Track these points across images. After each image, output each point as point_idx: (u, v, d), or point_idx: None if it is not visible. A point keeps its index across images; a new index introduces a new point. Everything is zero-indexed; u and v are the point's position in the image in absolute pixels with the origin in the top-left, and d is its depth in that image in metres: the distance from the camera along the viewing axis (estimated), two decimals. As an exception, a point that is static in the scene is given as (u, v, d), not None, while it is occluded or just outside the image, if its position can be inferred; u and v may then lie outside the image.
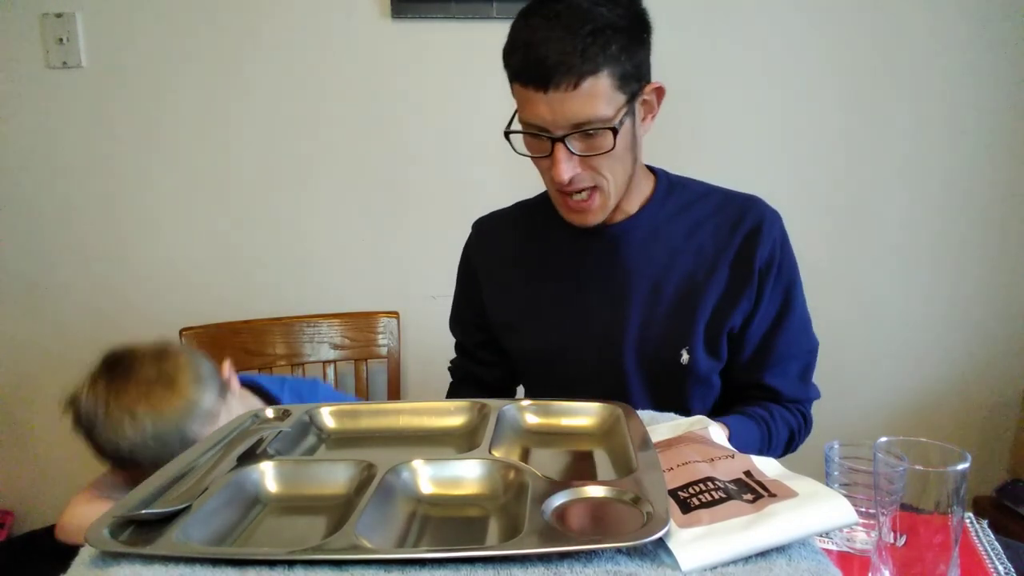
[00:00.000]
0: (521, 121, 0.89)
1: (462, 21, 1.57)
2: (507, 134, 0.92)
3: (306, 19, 1.58)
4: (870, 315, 1.71)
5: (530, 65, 0.82)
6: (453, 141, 1.63)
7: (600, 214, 0.95)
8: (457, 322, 1.19)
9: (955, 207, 1.67)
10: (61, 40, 1.56)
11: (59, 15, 1.55)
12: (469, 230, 1.19)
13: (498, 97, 1.62)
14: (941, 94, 1.62)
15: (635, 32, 0.86)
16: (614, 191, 0.93)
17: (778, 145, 1.65)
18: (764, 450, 0.93)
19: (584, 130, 0.85)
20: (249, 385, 1.03)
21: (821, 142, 1.65)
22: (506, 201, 1.22)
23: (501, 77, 0.90)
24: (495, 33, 1.58)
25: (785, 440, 1.00)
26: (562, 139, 0.85)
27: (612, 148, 0.86)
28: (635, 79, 0.87)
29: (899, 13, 1.59)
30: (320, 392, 1.14)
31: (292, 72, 1.60)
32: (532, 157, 0.92)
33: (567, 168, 0.87)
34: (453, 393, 1.19)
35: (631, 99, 0.87)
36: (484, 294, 1.10)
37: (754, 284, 0.97)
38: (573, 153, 0.86)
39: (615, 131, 0.85)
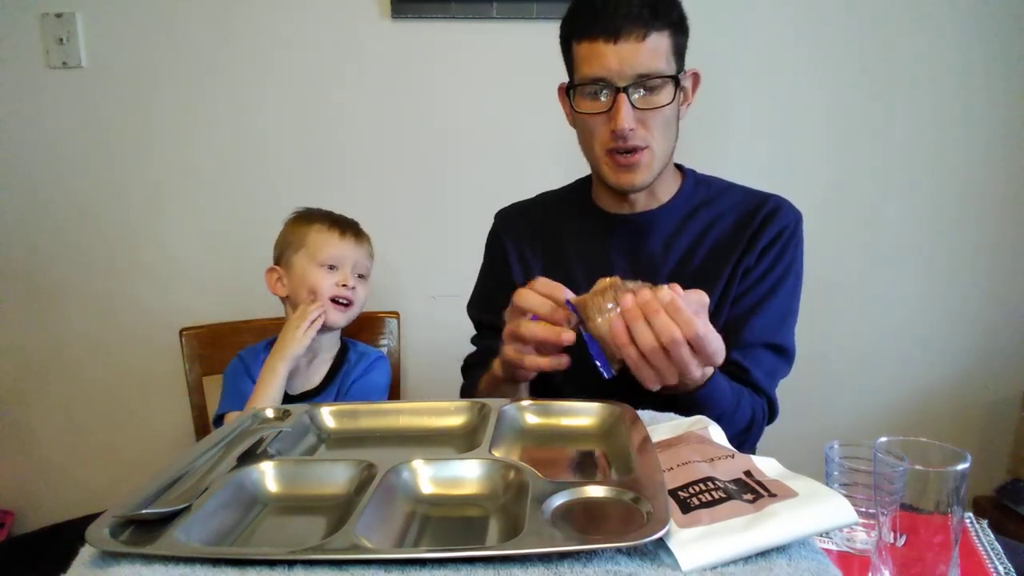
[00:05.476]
0: (582, 81, 0.94)
1: (462, 21, 1.57)
2: (568, 89, 0.97)
3: (306, 19, 1.58)
4: (870, 315, 1.71)
5: (602, 18, 0.89)
6: (453, 141, 1.63)
7: (646, 174, 0.97)
8: (483, 303, 1.17)
9: (955, 207, 1.67)
10: (61, 40, 1.56)
11: (59, 15, 1.55)
12: (469, 230, 1.18)
13: (498, 97, 1.64)
14: (941, 96, 1.62)
15: (683, 17, 0.95)
16: (659, 156, 0.97)
17: (778, 147, 1.65)
18: (731, 413, 0.89)
19: (647, 81, 0.91)
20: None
21: (820, 143, 1.64)
22: (505, 201, 1.22)
23: (501, 77, 0.90)
24: (495, 33, 1.61)
25: (747, 421, 0.94)
26: (625, 89, 0.90)
27: (671, 101, 0.93)
28: (683, 56, 0.96)
29: (903, 15, 1.59)
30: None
31: (292, 72, 1.60)
32: (588, 114, 0.95)
33: (627, 116, 0.91)
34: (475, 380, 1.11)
35: (679, 72, 0.95)
36: (513, 274, 1.11)
37: (752, 260, 1.00)
38: (634, 106, 0.92)
39: (676, 81, 0.93)
